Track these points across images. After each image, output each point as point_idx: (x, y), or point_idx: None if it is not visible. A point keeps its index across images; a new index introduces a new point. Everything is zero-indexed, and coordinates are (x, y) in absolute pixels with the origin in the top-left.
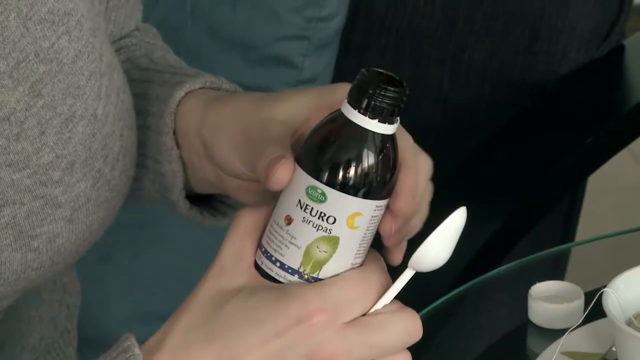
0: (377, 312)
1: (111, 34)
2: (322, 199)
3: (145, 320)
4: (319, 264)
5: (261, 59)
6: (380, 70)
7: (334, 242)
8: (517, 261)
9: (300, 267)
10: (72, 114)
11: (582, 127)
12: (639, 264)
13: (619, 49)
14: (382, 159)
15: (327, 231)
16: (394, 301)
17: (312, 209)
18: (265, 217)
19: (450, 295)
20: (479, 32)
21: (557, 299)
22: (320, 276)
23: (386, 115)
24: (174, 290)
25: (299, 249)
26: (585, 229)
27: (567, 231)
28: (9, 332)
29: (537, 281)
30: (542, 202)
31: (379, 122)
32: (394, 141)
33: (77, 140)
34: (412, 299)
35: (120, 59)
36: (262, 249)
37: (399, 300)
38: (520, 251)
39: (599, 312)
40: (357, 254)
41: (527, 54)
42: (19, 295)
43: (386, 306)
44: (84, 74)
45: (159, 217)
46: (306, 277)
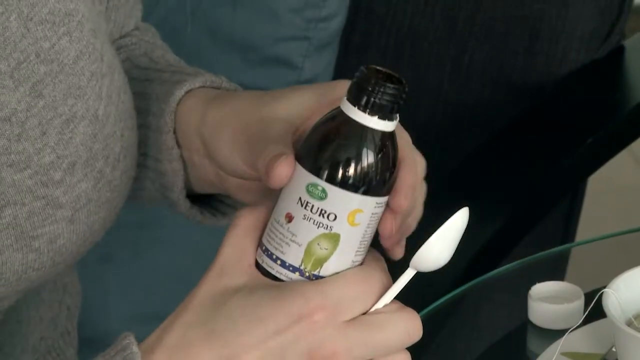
0: (377, 311)
1: (111, 33)
2: (322, 196)
3: (145, 320)
4: (320, 262)
5: (261, 60)
6: (379, 68)
7: (334, 239)
8: (517, 261)
9: (301, 265)
10: (73, 115)
11: (582, 127)
12: (639, 265)
13: (619, 50)
14: (382, 155)
15: (328, 228)
16: (394, 301)
17: (312, 206)
18: (264, 216)
19: (450, 295)
20: (479, 33)
21: (557, 299)
22: (321, 274)
23: (386, 112)
24: (174, 290)
25: (299, 246)
26: (585, 229)
27: (567, 232)
28: (9, 333)
29: (537, 281)
30: (542, 203)
31: (378, 118)
32: (393, 138)
33: (78, 140)
34: (413, 299)
35: (120, 58)
36: (263, 248)
37: (400, 300)
38: (520, 251)
39: (599, 313)
40: (357, 251)
41: (527, 55)
42: (20, 295)
43: (386, 306)
44: (85, 74)
45: (159, 217)
46: (307, 274)
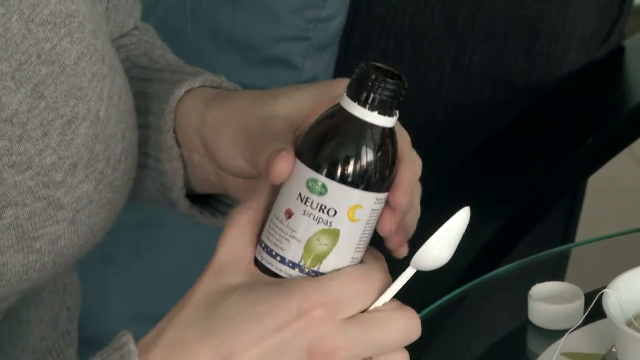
0: (376, 309)
1: (111, 33)
2: (322, 191)
3: (145, 320)
4: (320, 258)
5: (261, 60)
6: (379, 64)
7: (334, 234)
8: (517, 262)
9: (300, 261)
10: (74, 116)
11: (582, 127)
12: (639, 265)
13: (619, 50)
14: (381, 151)
15: (328, 224)
16: (393, 300)
17: (312, 201)
18: (260, 214)
19: (450, 295)
20: (478, 33)
21: (557, 299)
22: (320, 270)
23: (386, 107)
24: (174, 290)
25: (299, 242)
26: (585, 229)
27: (567, 232)
28: (9, 333)
29: (537, 282)
30: (543, 203)
31: (378, 114)
32: (393, 134)
33: (79, 141)
34: (413, 299)
35: (119, 58)
36: (262, 244)
37: (399, 299)
38: (520, 252)
39: (599, 313)
40: (357, 247)
41: (527, 55)
42: (20, 296)
43: (386, 304)
44: (86, 75)
45: (159, 217)
46: (307, 270)
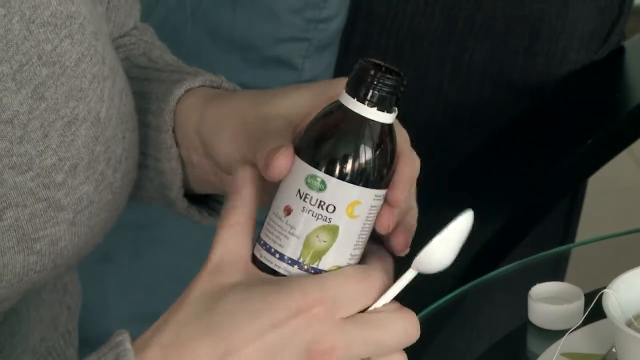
0: (376, 310)
1: (111, 33)
2: (321, 187)
3: (145, 320)
4: (319, 254)
5: (261, 60)
6: (377, 61)
7: (333, 231)
8: (517, 262)
9: (299, 258)
10: (75, 117)
11: (582, 128)
12: (639, 265)
13: (619, 50)
14: (380, 147)
15: (327, 220)
16: (392, 301)
17: (311, 197)
18: (251, 211)
19: (450, 295)
20: (478, 33)
21: (557, 300)
22: (320, 267)
23: (384, 103)
24: (174, 290)
25: (298, 239)
26: (585, 230)
27: (567, 232)
28: (10, 334)
29: (537, 282)
30: (543, 203)
31: (377, 110)
32: (392, 131)
33: (80, 143)
34: (413, 299)
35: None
36: (261, 242)
37: (400, 300)
38: (520, 252)
39: (599, 313)
40: (356, 244)
41: (527, 55)
42: (20, 296)
43: (385, 305)
44: (86, 76)
45: (159, 217)
46: (306, 267)
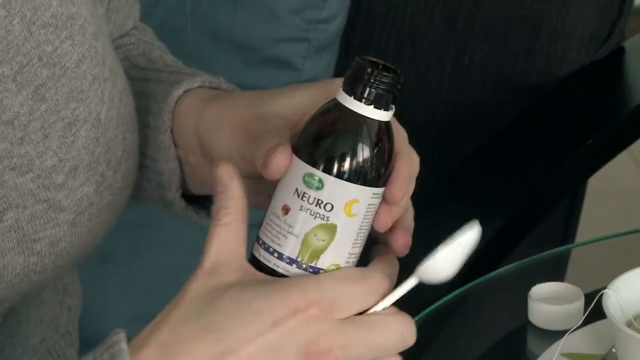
0: (374, 313)
1: (110, 34)
2: (319, 186)
3: (145, 320)
4: (317, 253)
5: (261, 61)
6: (374, 59)
7: (331, 229)
8: (517, 262)
9: (298, 257)
10: (75, 118)
11: (582, 128)
12: (638, 266)
13: (619, 51)
14: (378, 145)
15: (325, 219)
16: (390, 305)
17: (309, 196)
18: (245, 210)
19: (451, 295)
20: (479, 33)
21: (557, 300)
22: (318, 265)
23: (381, 101)
24: (174, 290)
25: (296, 238)
26: (585, 230)
27: (567, 232)
28: (10, 334)
29: (537, 282)
30: (542, 203)
31: (374, 108)
32: (389, 129)
33: (80, 144)
34: (414, 299)
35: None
36: (260, 241)
37: (401, 300)
38: (520, 252)
39: (599, 314)
40: (355, 243)
41: (527, 55)
42: (20, 297)
43: (383, 309)
44: (87, 78)
45: (159, 217)
46: (304, 266)
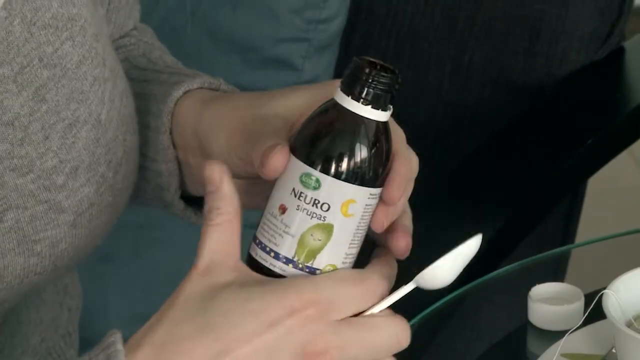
0: (370, 315)
1: (111, 34)
2: (316, 186)
3: (145, 320)
4: (314, 253)
5: (261, 61)
6: (372, 59)
7: (328, 229)
8: (517, 263)
9: (294, 256)
10: (75, 119)
11: (582, 128)
12: (638, 266)
13: (619, 51)
14: (375, 145)
15: (321, 219)
16: (385, 308)
17: (306, 196)
18: (238, 210)
19: (450, 296)
20: (479, 33)
21: (557, 300)
22: (314, 265)
23: (379, 101)
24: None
25: (293, 237)
26: (585, 230)
27: (567, 233)
28: (10, 334)
29: (537, 283)
30: (542, 204)
31: (372, 108)
32: (387, 129)
33: (80, 145)
34: (413, 300)
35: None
36: (257, 241)
37: (400, 300)
38: (520, 253)
39: (598, 314)
40: (351, 243)
41: (527, 56)
42: (20, 298)
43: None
44: (87, 79)
45: (159, 217)
46: (300, 266)
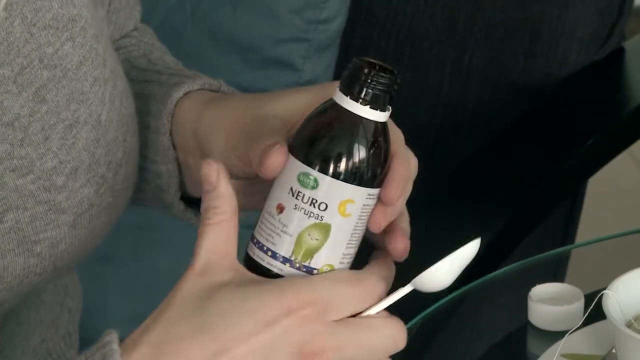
0: (367, 316)
1: (111, 35)
2: (314, 185)
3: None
4: (311, 252)
5: (261, 61)
6: (371, 60)
7: (325, 229)
8: (517, 263)
9: (291, 256)
10: (76, 120)
11: (582, 129)
12: (639, 266)
13: (619, 52)
14: (374, 145)
15: (319, 218)
16: (381, 310)
17: (303, 195)
18: (235, 210)
19: (450, 296)
20: (479, 34)
21: (557, 301)
22: (311, 265)
23: (378, 101)
24: None
25: (290, 237)
26: (585, 231)
27: (567, 233)
28: (10, 335)
29: (537, 283)
30: (543, 204)
31: (371, 108)
32: (385, 129)
33: (80, 145)
34: (413, 300)
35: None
36: (254, 240)
37: (400, 300)
38: (520, 253)
39: (599, 314)
40: (349, 243)
41: (527, 57)
42: (20, 298)
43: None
44: (87, 79)
45: (159, 218)
46: (298, 265)
